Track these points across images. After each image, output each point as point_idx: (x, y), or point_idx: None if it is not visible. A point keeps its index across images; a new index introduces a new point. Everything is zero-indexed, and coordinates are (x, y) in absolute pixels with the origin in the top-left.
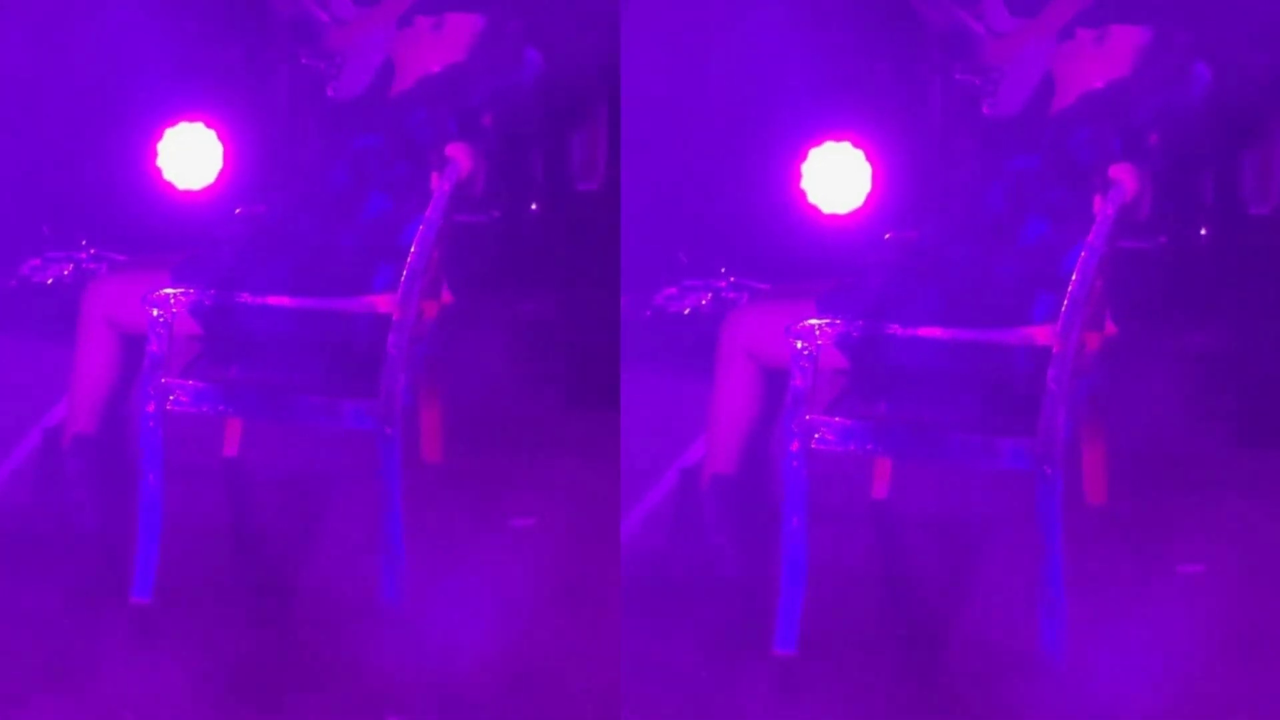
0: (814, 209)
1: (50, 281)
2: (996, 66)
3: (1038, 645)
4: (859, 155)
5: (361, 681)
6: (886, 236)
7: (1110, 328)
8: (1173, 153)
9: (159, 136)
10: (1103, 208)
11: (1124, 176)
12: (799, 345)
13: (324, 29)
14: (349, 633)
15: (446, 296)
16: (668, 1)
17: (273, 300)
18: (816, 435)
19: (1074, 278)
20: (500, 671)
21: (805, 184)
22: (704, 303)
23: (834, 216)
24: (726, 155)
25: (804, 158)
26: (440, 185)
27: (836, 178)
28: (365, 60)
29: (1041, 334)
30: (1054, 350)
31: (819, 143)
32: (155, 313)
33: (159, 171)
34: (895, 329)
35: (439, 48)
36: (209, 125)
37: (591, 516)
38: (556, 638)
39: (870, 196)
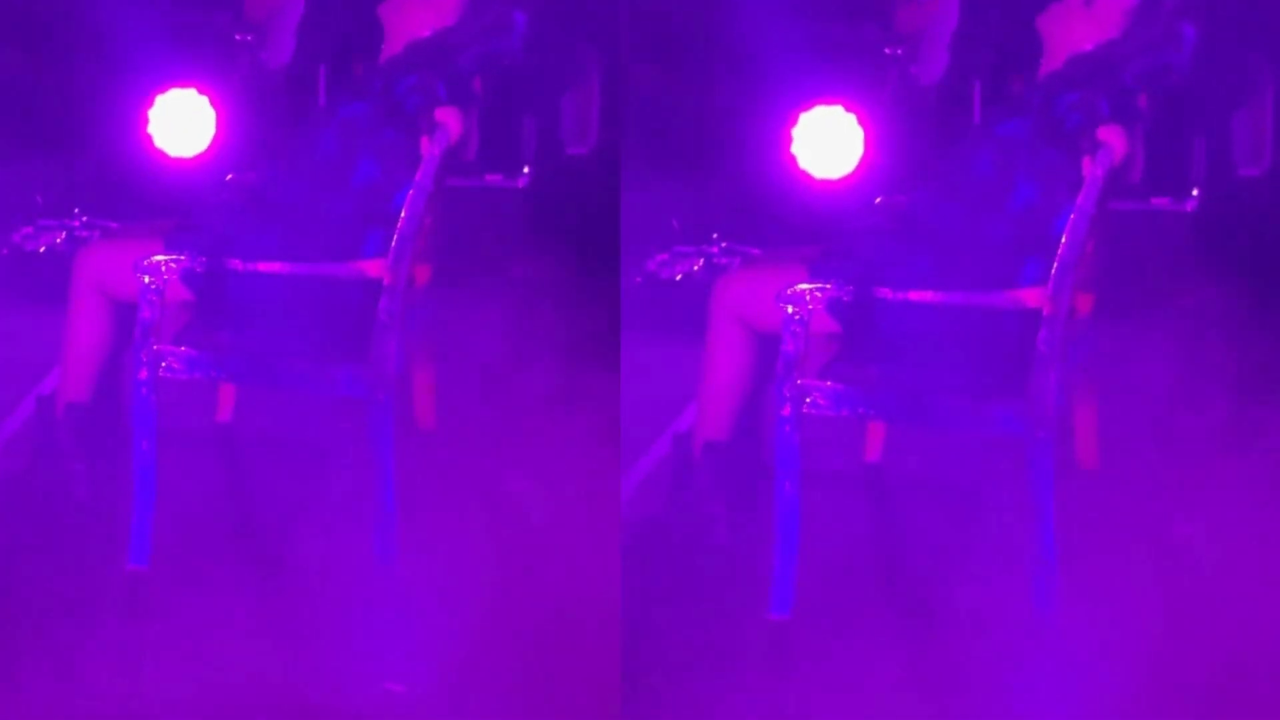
0: (805, 174)
1: (43, 249)
2: (914, 33)
3: (1030, 608)
4: (850, 119)
5: (357, 647)
6: (877, 201)
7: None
8: (1162, 115)
9: (150, 103)
10: (1092, 170)
11: (1113, 138)
12: (790, 310)
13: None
14: (344, 599)
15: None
16: None
17: (264, 267)
18: (808, 400)
19: (1064, 240)
20: (497, 637)
21: (795, 149)
22: (696, 269)
23: (825, 181)
24: (718, 120)
25: (795, 122)
26: (430, 150)
27: (827, 142)
28: (285, 22)
29: (1032, 297)
30: (1045, 313)
31: (809, 107)
32: (147, 280)
33: (150, 139)
34: (886, 293)
35: (427, 12)
36: (201, 91)
37: (586, 481)
38: (553, 602)
39: (861, 161)
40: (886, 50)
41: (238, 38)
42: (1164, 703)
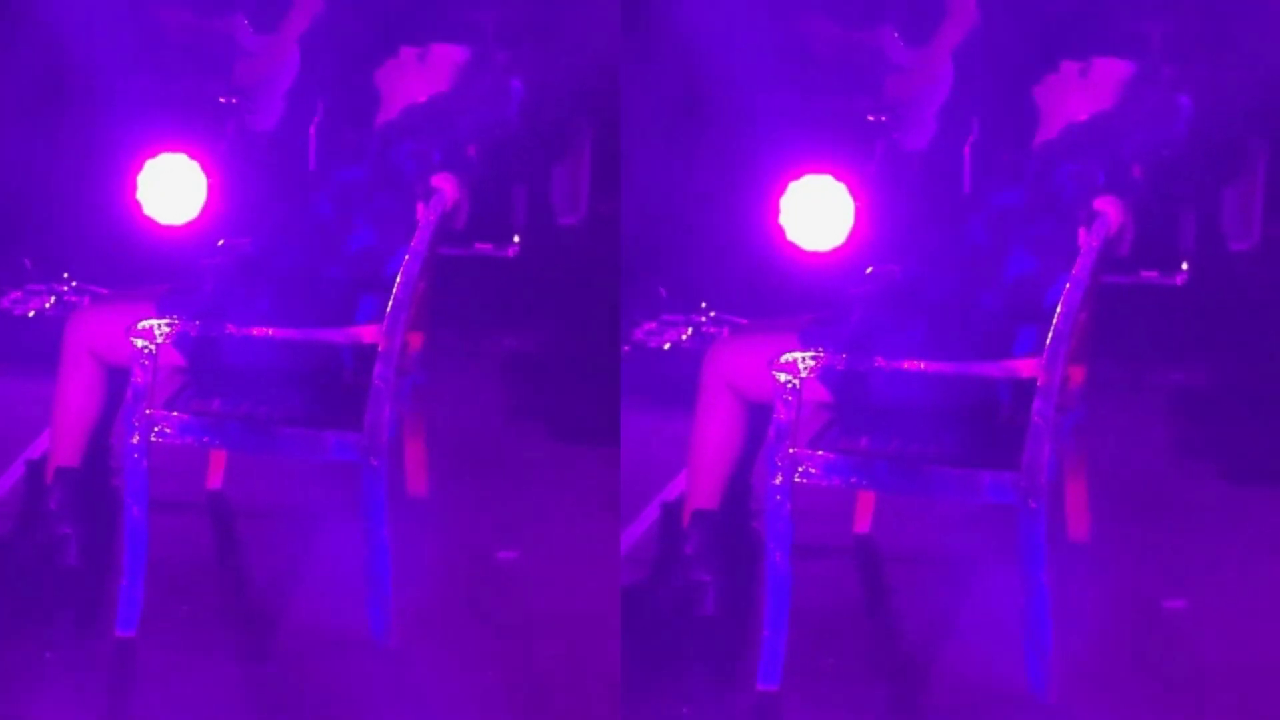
0: (793, 244)
1: (32, 314)
2: (902, 101)
3: (1023, 682)
4: (841, 189)
5: (348, 716)
6: (869, 270)
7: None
8: (1153, 187)
9: (139, 168)
10: (1087, 240)
11: (1108, 209)
12: (783, 378)
13: (231, 62)
14: (335, 667)
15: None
16: (659, 39)
17: (257, 332)
18: (800, 469)
19: (1058, 310)
20: (488, 705)
21: (784, 219)
22: (684, 338)
23: (814, 252)
24: (707, 189)
25: (784, 191)
26: (426, 216)
27: (816, 211)
28: (275, 88)
29: (1026, 367)
30: (1039, 383)
31: (798, 176)
32: (139, 344)
33: (139, 205)
34: (879, 362)
35: (424, 78)
36: (192, 156)
37: (576, 550)
38: (546, 671)
39: (851, 231)
40: (870, 118)
41: (222, 100)
42: None
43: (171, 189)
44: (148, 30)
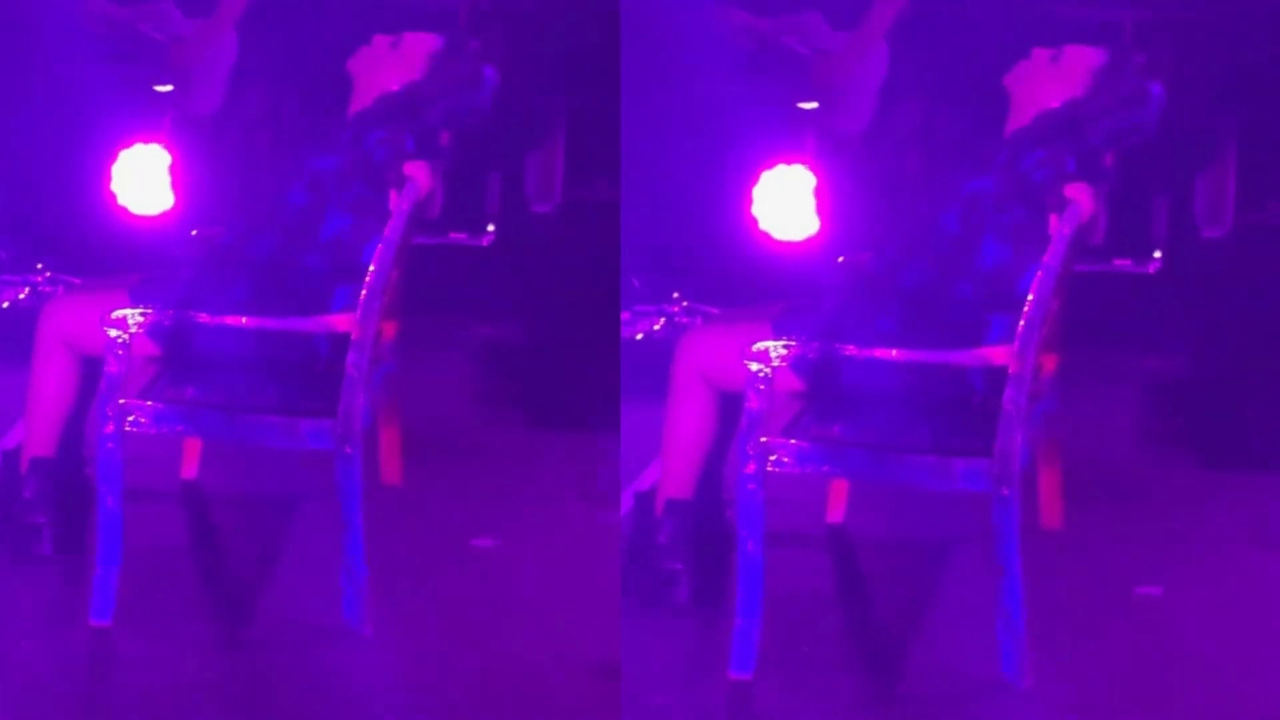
0: (766, 234)
1: (6, 305)
2: (832, 86)
3: (997, 669)
4: (812, 179)
5: (324, 705)
6: (840, 259)
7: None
8: (1125, 175)
9: (114, 158)
10: (1059, 227)
11: (1080, 196)
12: (755, 368)
13: (161, 49)
14: (310, 655)
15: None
16: (633, 27)
17: (231, 320)
18: (772, 458)
19: (1030, 298)
20: (464, 694)
21: (756, 208)
22: (656, 328)
23: (786, 242)
24: (679, 178)
25: (756, 181)
26: (400, 204)
27: (788, 201)
28: (212, 72)
29: (998, 355)
30: (1011, 371)
31: (771, 165)
32: (113, 334)
33: (114, 195)
34: (851, 350)
35: (397, 66)
36: (166, 147)
37: (553, 537)
38: (522, 659)
39: (824, 221)
40: (800, 105)
41: (156, 89)
42: None
43: (146, 179)
44: (88, 21)
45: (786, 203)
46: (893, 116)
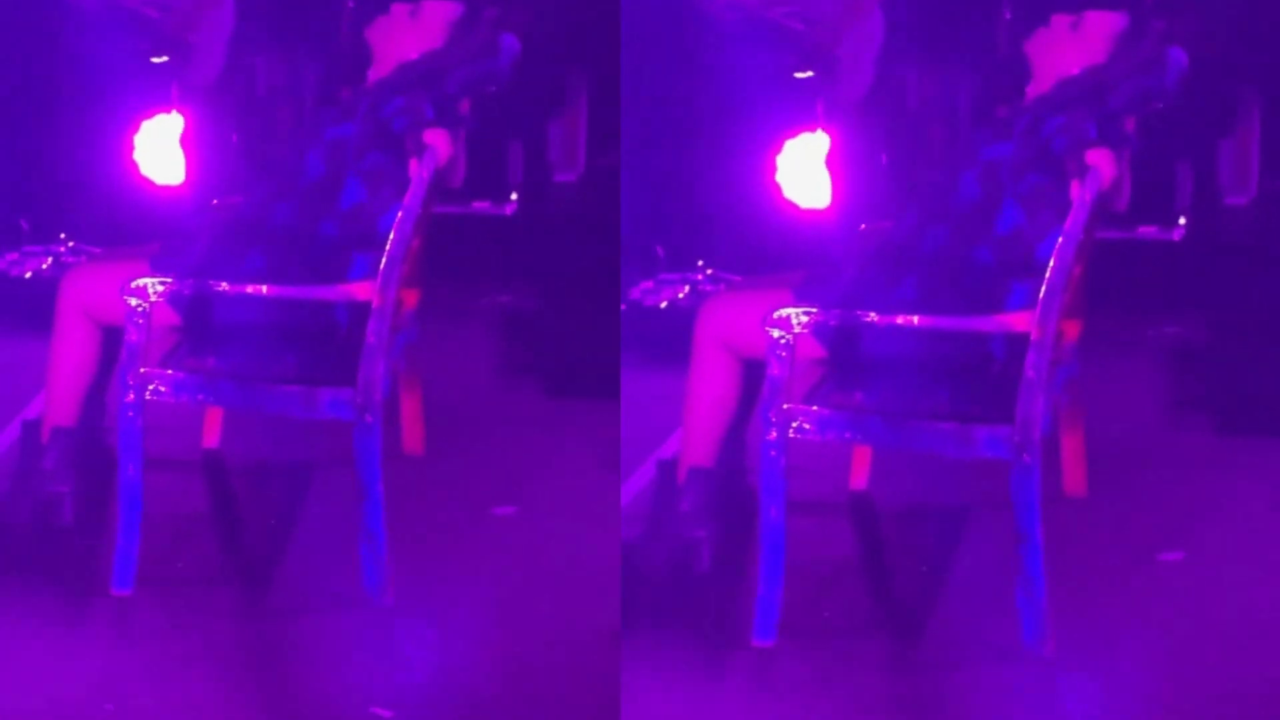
0: (789, 202)
1: (29, 275)
2: (828, 55)
3: (1019, 636)
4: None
5: (344, 673)
6: (862, 227)
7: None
8: (1148, 142)
9: (135, 128)
10: (1080, 193)
11: (1101, 162)
12: (776, 335)
13: (155, 24)
14: (331, 624)
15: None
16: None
17: (251, 289)
18: (794, 425)
19: (1051, 264)
20: (484, 662)
21: (779, 177)
22: (680, 296)
23: (809, 210)
24: (703, 147)
25: (779, 149)
26: (419, 172)
27: (812, 169)
28: (210, 42)
29: (1019, 321)
30: (1032, 337)
31: (794, 134)
32: (133, 303)
33: (135, 165)
34: (872, 317)
35: (416, 34)
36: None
37: (574, 505)
38: (542, 628)
39: (845, 189)
40: (797, 75)
41: (154, 61)
42: None
43: (167, 149)
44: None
45: (809, 170)
46: (891, 82)
